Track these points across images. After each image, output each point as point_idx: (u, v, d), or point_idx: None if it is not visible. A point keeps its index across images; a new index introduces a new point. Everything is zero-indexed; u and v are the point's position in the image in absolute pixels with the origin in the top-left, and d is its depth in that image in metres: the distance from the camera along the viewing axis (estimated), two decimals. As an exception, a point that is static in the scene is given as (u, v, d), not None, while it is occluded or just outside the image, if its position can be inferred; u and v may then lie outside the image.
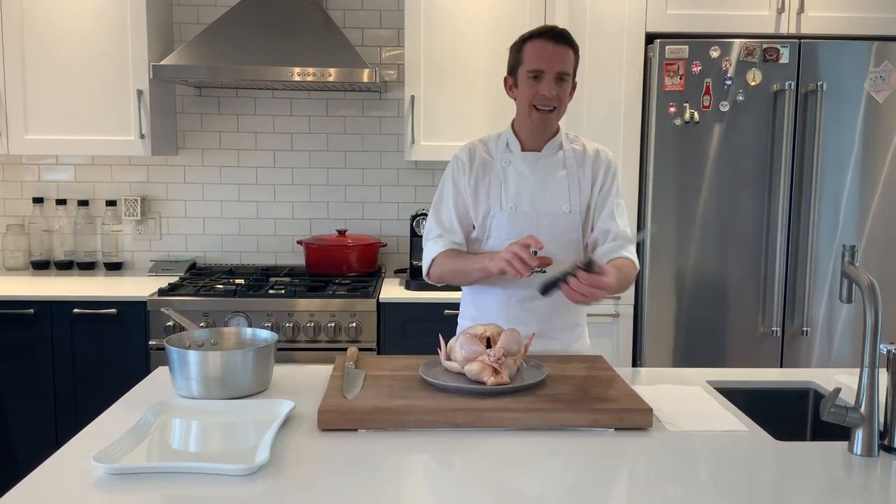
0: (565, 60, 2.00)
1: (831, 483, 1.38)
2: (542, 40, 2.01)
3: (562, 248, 2.06)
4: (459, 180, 2.12)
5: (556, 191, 2.08)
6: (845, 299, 1.57)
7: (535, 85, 2.00)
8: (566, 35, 2.02)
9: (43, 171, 3.61)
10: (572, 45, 2.03)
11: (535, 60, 2.00)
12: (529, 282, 2.02)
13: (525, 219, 2.06)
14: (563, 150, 2.12)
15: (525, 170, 2.09)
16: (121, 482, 1.31)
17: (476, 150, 2.14)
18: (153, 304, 2.99)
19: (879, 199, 3.08)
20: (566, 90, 2.03)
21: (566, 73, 2.01)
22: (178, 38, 3.53)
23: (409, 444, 1.51)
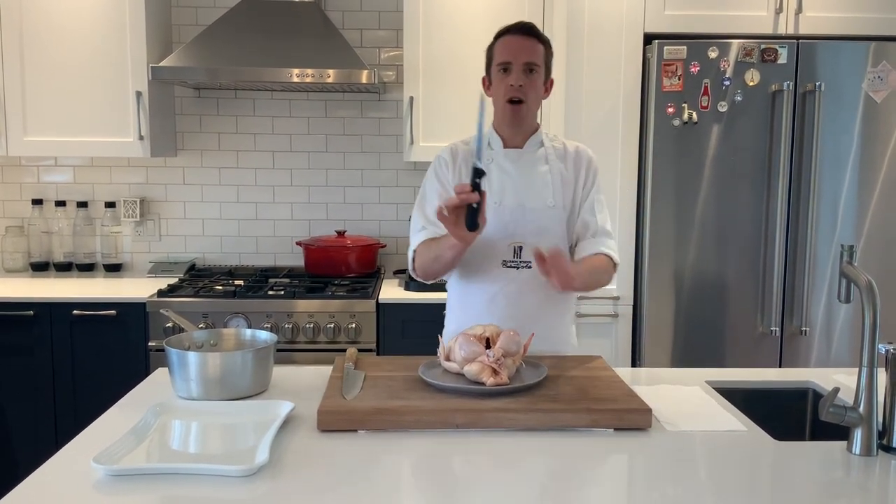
0: (533, 52, 2.03)
1: (830, 483, 1.39)
2: (509, 35, 2.06)
3: (548, 242, 2.06)
4: (443, 176, 2.14)
5: (540, 185, 2.10)
6: (844, 299, 1.57)
7: (504, 77, 2.04)
8: (533, 28, 2.07)
9: (42, 173, 3.61)
10: (541, 39, 2.07)
11: (503, 53, 2.04)
12: (517, 278, 2.05)
13: (510, 213, 2.07)
14: (544, 147, 2.14)
15: (508, 166, 2.11)
16: (120, 483, 1.31)
17: (458, 148, 2.16)
18: (152, 306, 2.99)
19: (878, 198, 3.08)
20: (535, 81, 2.05)
21: (535, 65, 2.03)
22: (177, 40, 3.54)
23: (409, 444, 1.51)
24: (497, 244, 2.07)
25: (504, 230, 2.06)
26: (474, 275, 2.11)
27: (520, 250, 2.07)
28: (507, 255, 2.07)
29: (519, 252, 2.07)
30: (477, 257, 2.08)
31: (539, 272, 1.87)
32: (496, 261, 2.08)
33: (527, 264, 2.06)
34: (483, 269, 2.09)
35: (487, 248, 2.07)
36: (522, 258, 2.07)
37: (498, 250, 2.07)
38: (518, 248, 2.07)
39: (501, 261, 2.08)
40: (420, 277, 2.14)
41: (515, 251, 2.07)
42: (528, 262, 2.06)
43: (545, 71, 2.08)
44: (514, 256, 2.07)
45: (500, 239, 2.07)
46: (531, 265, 2.04)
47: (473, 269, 2.11)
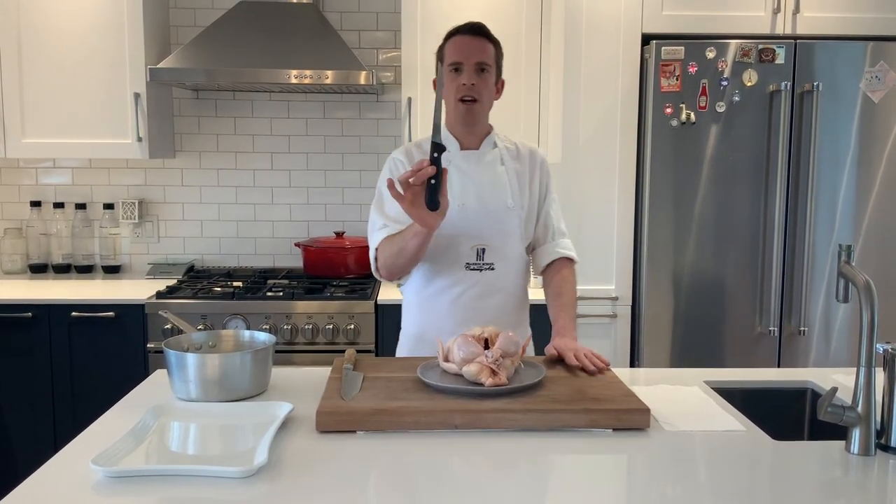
0: (483, 52, 2.04)
1: (828, 482, 1.39)
2: (459, 35, 2.06)
3: (508, 243, 2.11)
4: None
5: (499, 186, 2.11)
6: (842, 299, 1.58)
7: (455, 77, 2.03)
8: (483, 28, 2.07)
9: (40, 175, 3.61)
10: (490, 39, 2.07)
11: (453, 53, 2.04)
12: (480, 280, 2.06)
13: (473, 215, 2.07)
14: (498, 148, 2.15)
15: (467, 167, 2.10)
16: (119, 485, 1.31)
17: (412, 150, 2.15)
18: (151, 307, 2.99)
19: (876, 198, 3.09)
20: (487, 81, 2.05)
21: (485, 64, 2.03)
22: (175, 41, 3.54)
23: (408, 445, 1.51)
24: (460, 246, 2.07)
25: (468, 232, 2.06)
26: (437, 277, 2.10)
27: (482, 252, 2.07)
28: (471, 258, 2.07)
29: (482, 254, 2.07)
30: (440, 260, 2.08)
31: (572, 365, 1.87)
32: (459, 263, 2.07)
33: (489, 266, 2.07)
34: (446, 272, 2.08)
35: (451, 250, 2.07)
36: (485, 260, 2.07)
37: (461, 253, 2.07)
38: (481, 250, 2.07)
39: (465, 263, 2.07)
40: (384, 277, 2.08)
41: (478, 253, 2.07)
42: (490, 264, 2.07)
43: (496, 71, 2.08)
44: (477, 259, 2.07)
45: (464, 241, 2.07)
46: (494, 267, 2.08)
47: (436, 272, 2.10)
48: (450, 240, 2.05)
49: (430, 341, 2.06)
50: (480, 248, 2.07)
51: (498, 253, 2.08)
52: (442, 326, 2.05)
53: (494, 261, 2.08)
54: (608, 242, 3.16)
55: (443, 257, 2.07)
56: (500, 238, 2.08)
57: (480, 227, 2.07)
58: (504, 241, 2.09)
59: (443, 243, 2.05)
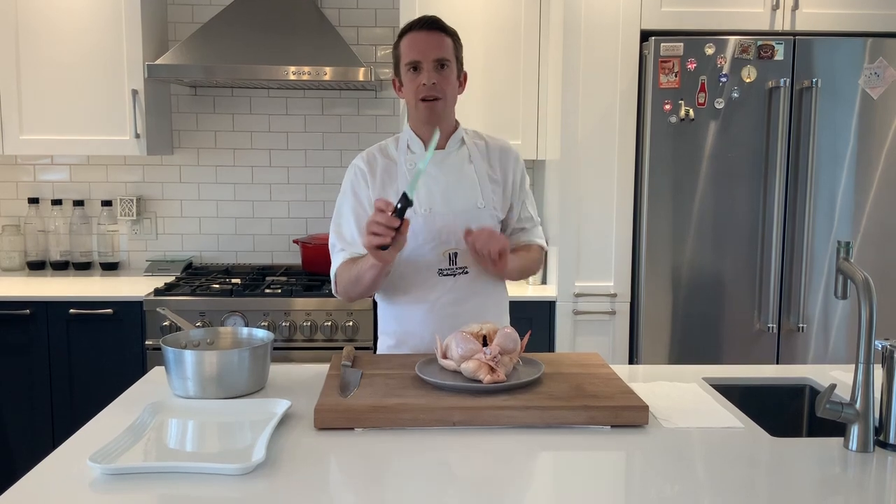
0: (441, 47, 1.97)
1: (827, 479, 1.39)
2: (414, 31, 1.98)
3: None
4: (360, 191, 2.04)
5: (468, 186, 2.05)
6: (840, 295, 1.57)
7: (415, 76, 1.96)
8: (438, 22, 2.00)
9: (38, 172, 3.61)
10: (447, 32, 2.00)
11: (410, 52, 1.96)
12: (454, 286, 2.02)
13: (441, 220, 2.00)
14: (466, 146, 2.09)
15: (432, 169, 2.02)
16: (117, 482, 1.31)
17: (375, 157, 2.07)
18: (149, 304, 2.98)
19: (875, 195, 3.09)
20: (448, 77, 1.98)
21: (445, 60, 1.96)
22: (173, 38, 3.53)
23: (406, 442, 1.51)
24: (431, 253, 2.01)
25: (437, 238, 2.00)
26: (410, 286, 2.04)
27: (455, 257, 2.02)
28: (443, 264, 2.02)
29: (454, 259, 2.02)
30: (412, 267, 2.02)
31: (472, 255, 1.92)
32: (432, 270, 2.02)
33: (463, 270, 2.03)
34: (419, 280, 2.03)
35: (422, 257, 2.01)
36: (458, 265, 2.02)
37: (433, 259, 2.01)
38: (453, 254, 2.01)
39: (437, 269, 2.02)
40: (344, 300, 2.06)
41: (451, 258, 2.02)
42: (463, 267, 2.03)
43: (457, 65, 2.02)
44: (449, 264, 2.02)
45: (435, 247, 2.01)
46: (468, 271, 2.03)
47: (409, 281, 2.04)
48: (420, 247, 2.00)
49: (409, 348, 2.05)
50: (452, 252, 2.01)
51: (471, 256, 2.01)
52: (419, 334, 2.03)
53: (468, 264, 2.02)
54: (607, 239, 3.16)
55: (415, 265, 2.02)
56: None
57: (450, 231, 2.00)
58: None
59: (413, 251, 1.99)
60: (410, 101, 2.01)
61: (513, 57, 3.28)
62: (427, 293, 2.03)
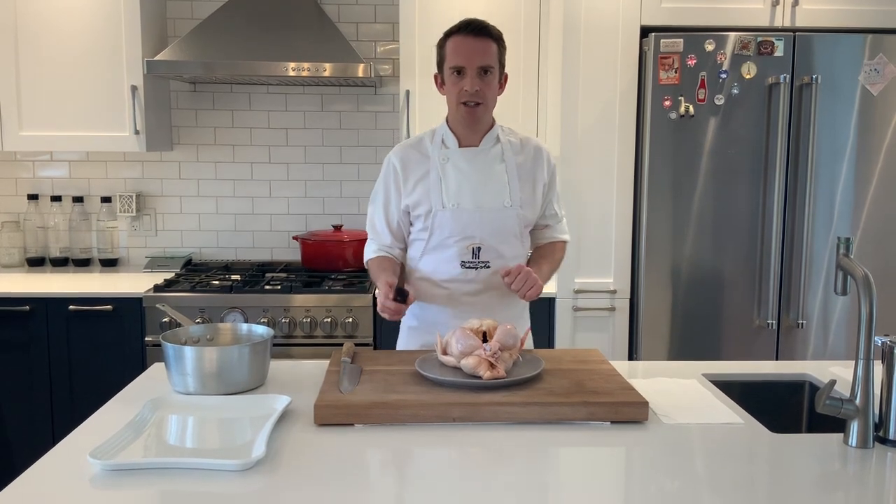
0: (486, 54, 1.99)
1: (827, 475, 1.39)
2: (460, 35, 2.00)
3: (505, 241, 2.10)
4: (391, 188, 2.13)
5: (497, 185, 2.09)
6: (840, 291, 1.58)
7: (458, 81, 2.00)
8: (486, 28, 2.01)
9: (38, 168, 3.60)
10: (493, 37, 2.01)
11: (455, 56, 1.99)
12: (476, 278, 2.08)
13: (468, 215, 2.07)
14: (501, 144, 2.12)
15: (464, 165, 2.08)
16: (117, 478, 1.31)
17: (408, 153, 2.13)
18: (149, 301, 2.98)
19: (874, 191, 3.08)
20: (490, 83, 2.01)
21: (489, 67, 1.99)
22: (173, 34, 3.52)
23: (406, 438, 1.51)
24: (455, 245, 2.07)
25: (462, 232, 2.07)
26: (434, 273, 2.12)
27: (478, 251, 2.07)
28: (466, 256, 2.08)
29: (477, 253, 2.07)
30: (437, 257, 2.10)
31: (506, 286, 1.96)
32: (455, 261, 2.08)
33: (485, 264, 2.08)
34: (442, 269, 2.10)
35: (446, 248, 2.08)
36: (481, 259, 2.08)
37: (457, 251, 2.08)
38: (476, 248, 2.07)
39: (460, 261, 2.08)
40: None
41: (474, 252, 2.07)
42: (486, 262, 2.08)
43: (500, 69, 2.05)
44: (472, 257, 2.08)
45: (459, 241, 2.07)
46: (489, 265, 2.08)
47: (433, 268, 2.12)
48: (445, 239, 2.08)
49: (428, 333, 2.07)
50: (475, 246, 2.07)
51: (493, 251, 2.08)
52: (439, 320, 2.07)
53: (490, 259, 2.08)
54: (607, 235, 3.15)
55: (439, 254, 2.09)
56: (495, 237, 2.08)
57: (474, 226, 2.06)
58: (500, 240, 2.08)
59: (439, 241, 2.08)
60: (452, 102, 2.06)
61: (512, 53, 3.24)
62: (449, 283, 2.10)
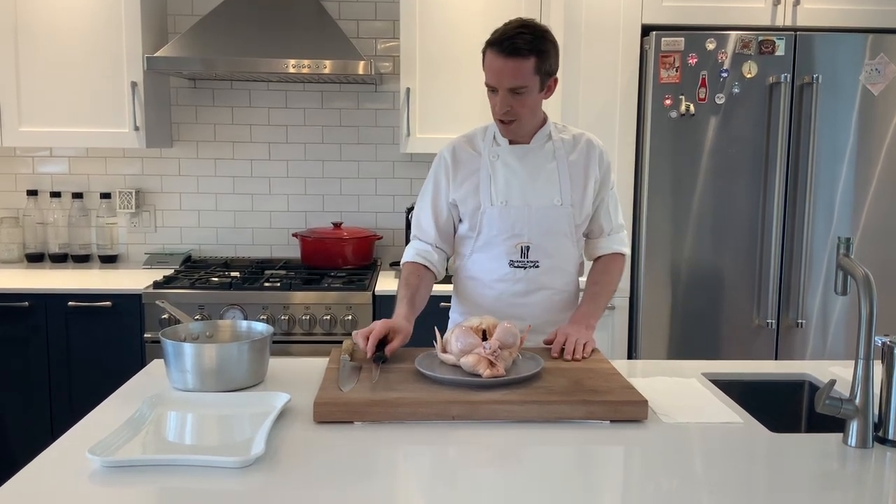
0: (517, 75, 1.91)
1: (826, 475, 1.39)
2: (494, 53, 1.92)
3: (555, 241, 2.07)
4: (441, 181, 2.12)
5: (547, 183, 2.06)
6: (840, 291, 1.57)
7: (493, 97, 1.97)
8: (517, 46, 1.89)
9: (37, 164, 3.60)
10: (527, 54, 1.89)
11: (488, 74, 1.95)
12: (524, 277, 2.06)
13: (516, 213, 2.05)
14: (552, 141, 2.09)
15: (514, 163, 2.06)
16: (116, 475, 1.31)
17: (460, 148, 2.12)
18: (148, 297, 2.98)
19: (874, 191, 3.09)
20: (524, 101, 1.95)
21: (520, 87, 1.92)
22: (173, 30, 3.52)
23: (405, 436, 1.51)
24: (504, 244, 2.06)
25: (510, 230, 2.05)
26: (482, 271, 2.10)
27: (527, 250, 2.05)
28: (515, 255, 2.06)
29: (526, 252, 2.06)
30: (485, 255, 2.09)
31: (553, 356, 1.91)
32: (503, 260, 2.07)
33: (534, 264, 2.06)
34: (491, 267, 2.09)
35: (495, 247, 2.07)
36: (529, 258, 2.06)
37: (505, 250, 2.06)
38: (525, 248, 2.05)
39: (509, 261, 2.06)
40: None
41: (522, 251, 2.06)
42: (535, 261, 2.06)
43: (540, 78, 1.95)
44: (521, 256, 2.06)
45: (507, 239, 2.05)
46: (538, 265, 2.06)
47: (481, 267, 2.11)
48: (494, 237, 2.06)
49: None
50: (524, 245, 2.05)
51: (543, 251, 2.06)
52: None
53: (539, 258, 2.06)
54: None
55: (488, 253, 2.08)
56: (544, 237, 2.05)
57: (523, 225, 2.04)
58: (549, 239, 2.06)
59: (488, 240, 2.07)
60: (492, 112, 2.02)
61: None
62: (497, 281, 2.08)
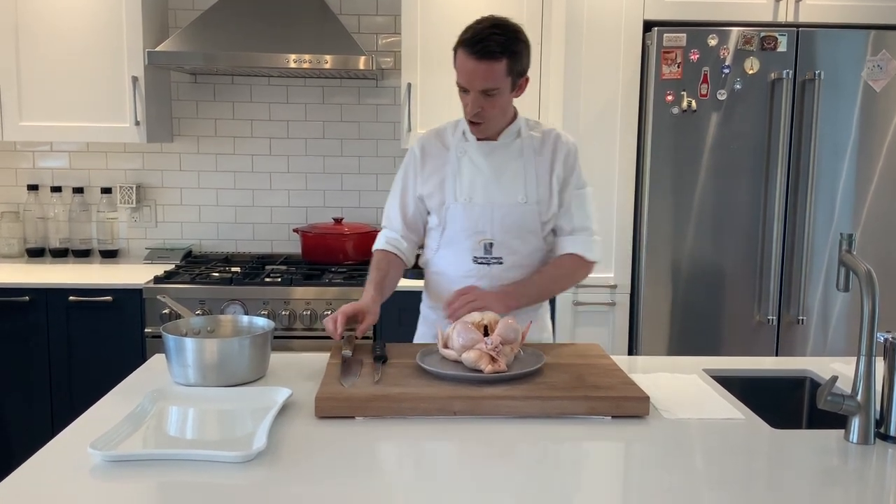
0: (489, 77, 1.90)
1: (827, 471, 1.39)
2: (466, 53, 1.90)
3: (520, 238, 2.07)
4: (409, 175, 2.14)
5: (512, 181, 2.06)
6: (842, 288, 1.57)
7: (464, 96, 1.97)
8: (489, 49, 1.88)
9: (38, 158, 3.59)
10: (499, 56, 1.89)
11: (460, 75, 1.94)
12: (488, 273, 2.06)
13: (479, 210, 2.05)
14: (521, 138, 2.08)
15: (480, 160, 2.06)
16: (117, 469, 1.31)
17: (430, 142, 2.14)
18: (149, 292, 2.98)
19: (876, 188, 3.08)
20: (494, 101, 1.95)
21: (492, 89, 1.92)
22: (174, 24, 3.51)
23: (406, 431, 1.51)
24: (468, 240, 2.07)
25: (474, 227, 2.05)
26: (449, 267, 2.12)
27: (490, 247, 2.06)
28: (478, 252, 2.07)
29: (489, 249, 2.06)
30: (449, 251, 2.10)
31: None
32: (467, 256, 2.08)
33: (497, 260, 2.06)
34: (456, 263, 2.10)
35: (459, 243, 2.08)
36: (493, 255, 2.06)
37: (469, 246, 2.07)
38: (488, 244, 2.06)
39: (472, 257, 2.07)
40: None
41: (486, 248, 2.06)
42: (498, 258, 2.06)
43: (512, 79, 1.95)
44: (484, 253, 2.07)
45: (470, 236, 2.06)
46: (502, 261, 2.07)
47: (448, 262, 2.11)
48: (457, 233, 2.07)
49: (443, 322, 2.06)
50: (487, 242, 2.06)
51: (507, 247, 2.06)
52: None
53: (503, 255, 2.06)
54: (607, 230, 3.15)
55: (453, 249, 2.09)
56: (508, 234, 2.05)
57: (486, 222, 2.05)
58: (514, 236, 2.06)
59: (452, 235, 2.08)
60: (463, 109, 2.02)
61: (515, 46, 3.27)
62: (462, 277, 2.08)
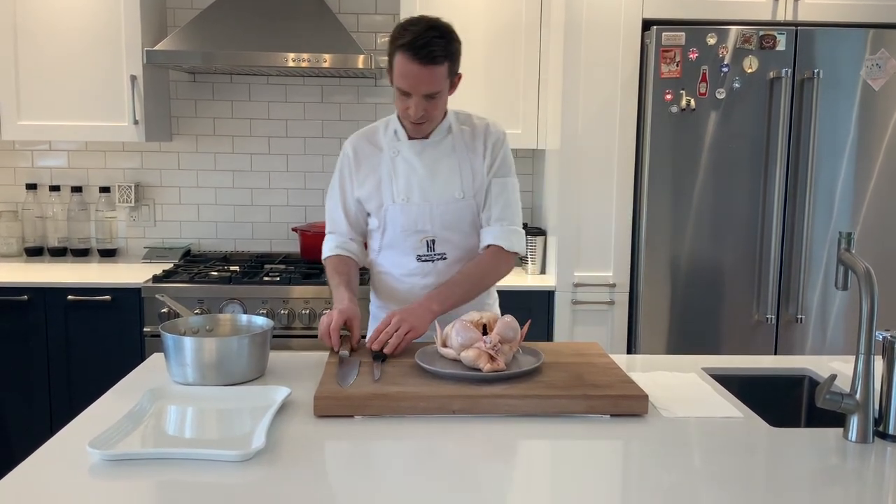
0: (433, 82, 1.89)
1: (826, 469, 1.39)
2: (407, 58, 1.86)
3: (462, 233, 2.08)
4: (346, 178, 2.14)
5: (447, 178, 2.06)
6: (841, 286, 1.57)
7: (404, 100, 1.94)
8: (436, 54, 1.87)
9: (36, 157, 3.59)
10: (444, 59, 1.89)
11: (401, 79, 1.90)
12: (433, 270, 2.07)
13: (418, 209, 2.05)
14: (452, 134, 2.08)
15: (413, 159, 2.05)
16: (116, 468, 1.30)
17: (361, 145, 2.11)
18: (148, 291, 2.98)
19: (874, 187, 3.08)
20: (436, 103, 1.95)
21: (434, 93, 1.91)
22: (172, 23, 3.51)
23: (405, 430, 1.51)
24: (410, 239, 2.07)
25: (414, 226, 2.06)
26: (394, 265, 2.12)
27: (432, 244, 2.07)
28: (421, 250, 2.08)
29: (432, 245, 2.07)
30: (393, 251, 2.10)
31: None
32: (411, 255, 2.08)
33: (441, 256, 2.08)
34: (401, 262, 2.10)
35: (402, 242, 2.08)
36: (436, 251, 2.07)
37: (412, 244, 2.07)
38: (430, 241, 2.07)
39: (416, 255, 2.08)
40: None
41: (428, 245, 2.07)
42: (442, 254, 2.08)
43: (450, 80, 1.96)
44: (427, 250, 2.07)
45: (412, 234, 2.06)
46: (446, 257, 2.08)
47: (393, 261, 2.12)
48: (398, 234, 2.07)
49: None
50: (429, 239, 2.06)
51: (449, 243, 2.07)
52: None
53: (446, 251, 2.08)
54: (606, 229, 3.15)
55: (396, 249, 2.10)
56: (448, 230, 2.06)
57: (426, 221, 2.05)
58: (454, 232, 2.07)
59: (393, 235, 2.08)
60: (398, 110, 2.00)
61: (514, 45, 3.27)
62: (408, 275, 2.10)
